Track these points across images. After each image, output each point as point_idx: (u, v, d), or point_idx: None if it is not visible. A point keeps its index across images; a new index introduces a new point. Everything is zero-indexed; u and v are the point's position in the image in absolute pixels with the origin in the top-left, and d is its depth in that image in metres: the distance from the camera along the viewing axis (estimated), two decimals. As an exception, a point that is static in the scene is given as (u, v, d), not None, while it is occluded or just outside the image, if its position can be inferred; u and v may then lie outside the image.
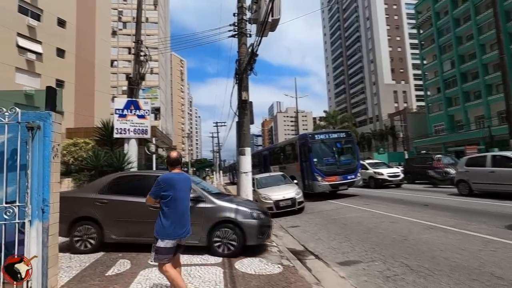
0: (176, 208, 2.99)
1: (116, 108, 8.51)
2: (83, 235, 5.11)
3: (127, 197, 5.13)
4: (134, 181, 5.63)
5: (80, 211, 5.17)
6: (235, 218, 4.83)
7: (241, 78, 8.59)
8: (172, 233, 2.93)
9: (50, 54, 25.69)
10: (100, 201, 5.15)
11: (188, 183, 3.22)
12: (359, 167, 13.09)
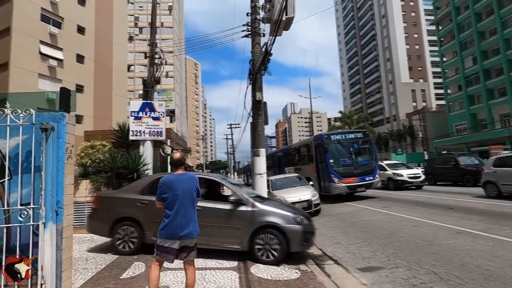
0: (174, 209, 2.94)
1: (131, 111, 8.60)
2: (124, 236, 5.10)
3: None
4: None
5: (121, 211, 5.19)
6: (278, 223, 4.56)
7: (255, 78, 8.48)
8: (168, 234, 2.92)
9: (70, 60, 26.60)
10: (140, 202, 5.12)
11: (191, 183, 3.06)
12: (378, 168, 12.67)
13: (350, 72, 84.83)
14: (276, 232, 4.53)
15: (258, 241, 4.57)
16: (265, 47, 7.39)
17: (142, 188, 5.34)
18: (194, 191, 3.08)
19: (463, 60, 41.07)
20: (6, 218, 2.75)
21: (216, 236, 4.72)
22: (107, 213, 5.22)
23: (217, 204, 4.88)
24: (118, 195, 5.48)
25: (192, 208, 3.04)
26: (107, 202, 5.43)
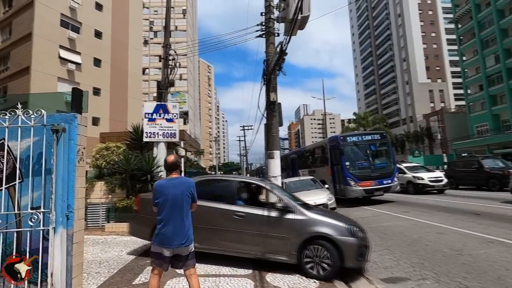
0: (165, 215, 2.81)
1: (145, 112, 8.59)
2: None
3: (209, 203, 4.78)
4: (213, 186, 5.41)
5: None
6: (330, 234, 4.11)
7: (269, 79, 8.30)
8: (160, 241, 2.76)
9: (88, 64, 27.28)
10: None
11: (183, 188, 2.87)
12: (396, 171, 12.20)
13: (364, 73, 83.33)
14: (327, 244, 4.08)
15: (307, 253, 4.16)
16: (280, 46, 7.21)
17: None
18: (188, 195, 2.88)
19: (484, 59, 39.48)
20: (17, 222, 2.67)
21: (261, 246, 4.37)
22: (148, 216, 4.90)
23: (261, 210, 4.53)
24: None
25: (185, 214, 2.83)
26: (148, 204, 5.28)
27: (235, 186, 4.96)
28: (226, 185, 5.10)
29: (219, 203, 4.72)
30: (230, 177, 5.41)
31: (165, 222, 2.80)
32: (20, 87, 23.25)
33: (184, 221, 2.82)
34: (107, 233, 7.39)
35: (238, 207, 4.63)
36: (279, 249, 4.29)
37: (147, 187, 7.73)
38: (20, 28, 24.12)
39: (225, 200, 4.74)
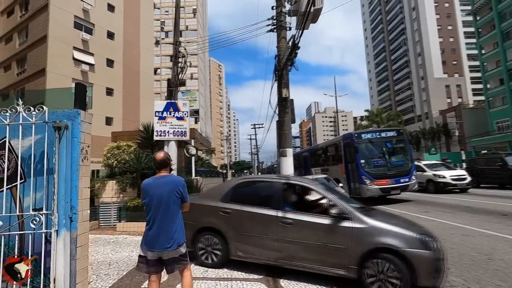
0: (149, 216, 2.64)
1: (156, 111, 8.49)
2: (207, 247, 4.54)
3: (252, 208, 4.34)
4: (258, 188, 4.86)
5: (204, 220, 4.63)
6: (398, 247, 3.41)
7: (280, 74, 8.05)
8: (146, 244, 2.60)
9: (101, 65, 27.70)
10: (223, 211, 4.49)
11: (170, 187, 2.66)
12: (414, 169, 11.70)
13: (377, 69, 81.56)
14: (394, 258, 3.39)
15: (369, 267, 3.52)
16: (292, 40, 6.94)
17: (224, 195, 4.68)
18: (176, 195, 2.66)
19: (505, 52, 37.78)
20: (19, 224, 2.55)
21: (313, 257, 3.83)
22: (188, 221, 4.77)
23: (312, 217, 3.96)
24: (199, 202, 4.80)
25: (170, 216, 2.62)
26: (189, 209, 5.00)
27: (280, 188, 4.40)
28: (269, 187, 4.58)
29: (263, 208, 4.25)
30: (273, 178, 4.79)
31: (151, 224, 2.62)
32: (37, 88, 23.83)
33: (171, 223, 2.61)
34: (119, 232, 7.34)
35: (284, 212, 4.09)
36: (335, 261, 3.70)
37: (158, 186, 7.64)
38: (36, 31, 24.70)
39: (269, 205, 4.25)
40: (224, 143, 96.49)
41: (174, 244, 2.57)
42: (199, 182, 8.43)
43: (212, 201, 4.69)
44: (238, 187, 4.80)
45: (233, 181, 5.04)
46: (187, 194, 2.78)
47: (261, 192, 4.71)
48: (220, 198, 4.66)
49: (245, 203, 4.43)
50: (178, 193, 2.68)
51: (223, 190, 4.81)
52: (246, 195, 4.69)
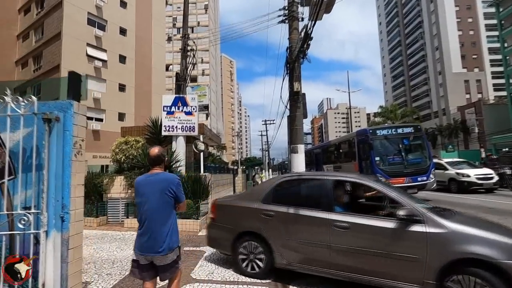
0: (140, 217, 2.43)
1: (164, 105, 8.35)
2: (249, 254, 4.01)
3: (297, 209, 3.80)
4: (304, 187, 4.32)
5: (244, 224, 4.15)
6: (492, 257, 2.67)
7: (292, 67, 7.71)
8: (137, 247, 2.39)
9: (114, 61, 27.95)
10: (265, 214, 3.96)
11: (162, 186, 2.42)
12: (432, 168, 11.15)
13: (392, 64, 79.39)
14: (487, 273, 2.65)
15: (452, 283, 2.81)
16: (305, 31, 6.59)
17: (265, 195, 4.15)
18: (168, 195, 2.42)
19: (530, 44, 35.86)
20: (8, 224, 2.37)
21: (375, 269, 3.20)
22: (227, 225, 4.28)
23: (373, 220, 3.34)
24: (238, 203, 4.40)
25: (162, 217, 2.39)
26: (226, 212, 4.44)
27: (331, 186, 3.77)
28: (317, 185, 3.98)
29: (311, 210, 3.69)
30: (322, 175, 4.23)
31: (142, 226, 2.41)
32: (52, 85, 24.25)
33: (162, 225, 2.38)
34: (126, 228, 7.25)
35: (338, 215, 3.52)
36: (405, 275, 3.05)
37: (165, 183, 7.50)
38: (51, 28, 25.11)
39: (318, 206, 3.68)
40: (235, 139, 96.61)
41: (165, 249, 2.35)
42: (208, 179, 8.23)
43: (253, 203, 4.17)
44: (280, 186, 4.27)
45: (275, 179, 4.45)
46: (181, 193, 2.53)
47: (307, 191, 4.17)
48: (261, 199, 4.13)
49: (290, 204, 3.91)
50: (171, 193, 2.44)
51: (264, 190, 4.26)
52: (290, 195, 4.22)
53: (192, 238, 6.23)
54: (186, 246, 5.60)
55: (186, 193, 7.54)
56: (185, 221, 7.05)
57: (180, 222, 7.07)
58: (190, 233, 6.68)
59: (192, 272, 4.12)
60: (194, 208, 7.23)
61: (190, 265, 4.42)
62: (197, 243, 5.79)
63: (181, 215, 7.17)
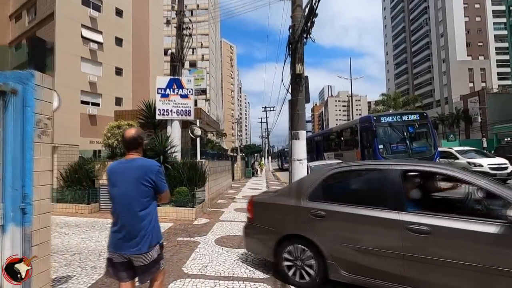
0: (114, 210, 2.09)
1: (158, 87, 7.90)
2: (296, 260, 3.30)
3: (356, 208, 3.03)
4: (362, 180, 3.56)
5: (288, 226, 3.46)
6: None
7: (294, 48, 7.20)
8: (111, 244, 2.06)
9: (110, 43, 27.07)
10: (314, 213, 3.22)
11: (139, 174, 2.03)
12: (437, 156, 10.82)
13: (395, 51, 77.88)
14: None
15: None
16: (310, 5, 6.06)
17: (312, 191, 3.40)
18: (146, 184, 2.04)
19: (539, 31, 34.85)
20: (-40, 216, 2.00)
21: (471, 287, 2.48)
22: (267, 227, 3.61)
23: (464, 222, 2.54)
24: (279, 201, 3.67)
25: (139, 210, 2.02)
26: (265, 211, 3.77)
27: (399, 178, 2.92)
28: (380, 177, 3.11)
29: (374, 209, 2.92)
30: (385, 164, 3.27)
31: (116, 220, 2.06)
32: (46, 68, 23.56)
33: (139, 220, 2.01)
34: (119, 216, 6.95)
35: (412, 215, 2.74)
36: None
37: (160, 169, 7.13)
38: (43, 8, 24.13)
39: (383, 203, 2.90)
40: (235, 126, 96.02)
41: (143, 247, 1.99)
42: (205, 165, 7.88)
43: (297, 200, 3.45)
44: (331, 179, 3.48)
45: (324, 171, 3.58)
46: (162, 182, 2.15)
47: (367, 186, 3.46)
48: (307, 195, 3.39)
49: (345, 201, 3.17)
50: (150, 182, 2.06)
51: (311, 184, 3.47)
52: (345, 190, 3.53)
53: (186, 228, 5.93)
54: (179, 236, 5.30)
55: (182, 180, 7.21)
56: (180, 209, 6.74)
57: (175, 210, 6.77)
58: (185, 222, 6.38)
59: (184, 266, 3.82)
60: (189, 196, 6.91)
61: (183, 258, 4.11)
62: (192, 233, 5.49)
63: (176, 203, 6.86)
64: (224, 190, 11.98)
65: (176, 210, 6.76)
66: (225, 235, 5.44)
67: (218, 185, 10.38)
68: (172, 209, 6.81)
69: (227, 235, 5.44)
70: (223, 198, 10.51)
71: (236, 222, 6.57)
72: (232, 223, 6.47)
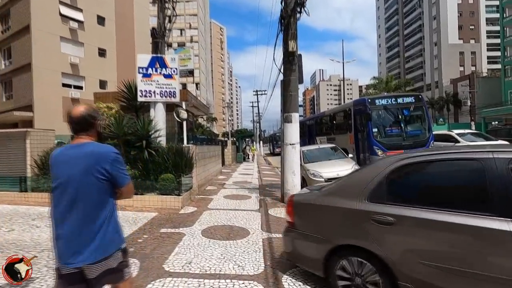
0: (57, 209, 1.58)
1: (139, 66, 7.25)
2: (354, 276, 2.53)
3: (440, 214, 2.19)
4: (445, 174, 2.46)
5: (343, 233, 2.70)
6: None
7: (287, 23, 6.64)
8: (57, 252, 1.58)
9: (91, 22, 25.52)
10: (378, 219, 2.41)
11: (88, 162, 1.57)
12: (432, 140, 10.60)
13: (388, 34, 77.07)
14: None
15: None
16: (305, -27, 5.47)
17: (372, 189, 2.56)
18: (98, 176, 1.57)
19: (531, 14, 34.70)
20: None
21: None
22: (313, 234, 2.87)
23: None
24: (328, 202, 2.85)
25: (91, 210, 1.58)
26: (310, 214, 3.01)
27: (505, 171, 2.06)
28: (478, 170, 2.18)
29: (468, 215, 2.08)
30: (484, 151, 2.27)
31: (60, 221, 1.58)
32: (23, 47, 22.10)
33: (90, 222, 1.57)
34: (99, 206, 6.49)
35: None
36: None
37: (142, 155, 6.64)
38: (16, -18, 22.34)
39: (482, 208, 2.07)
40: (225, 110, 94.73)
41: (97, 255, 1.56)
42: (192, 151, 7.41)
43: (353, 201, 2.61)
44: (398, 173, 2.56)
45: (387, 162, 2.67)
46: (122, 173, 1.69)
47: (458, 182, 2.39)
48: (367, 195, 2.55)
49: (424, 203, 2.31)
50: (103, 174, 1.59)
51: (370, 180, 2.60)
52: (424, 189, 2.51)
53: (172, 217, 5.54)
54: (163, 227, 4.91)
55: (167, 166, 6.74)
56: (165, 198, 6.32)
57: (160, 199, 6.35)
58: (171, 211, 5.97)
59: (166, 262, 3.43)
60: (175, 183, 6.47)
61: (165, 253, 3.73)
62: (177, 224, 5.10)
63: (161, 190, 6.43)
64: (213, 176, 11.59)
65: (161, 199, 6.34)
66: (213, 225, 5.08)
67: (207, 171, 9.96)
68: (156, 197, 6.38)
69: (215, 225, 5.08)
70: (213, 184, 10.13)
71: (225, 210, 6.21)
72: (221, 211, 6.10)
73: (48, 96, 21.62)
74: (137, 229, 4.79)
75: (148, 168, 6.70)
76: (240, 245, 4.07)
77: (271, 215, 5.81)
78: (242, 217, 5.59)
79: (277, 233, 4.59)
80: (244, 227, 4.94)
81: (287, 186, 6.73)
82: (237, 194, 8.19)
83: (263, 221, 5.35)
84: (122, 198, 1.81)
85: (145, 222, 5.17)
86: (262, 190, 8.85)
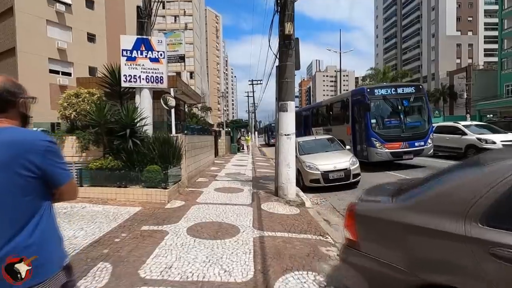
0: None
1: (123, 49, 6.68)
2: None
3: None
4: None
5: (434, 268, 1.65)
6: None
7: (284, 3, 6.12)
8: None
9: (79, 5, 24.43)
10: (502, 254, 1.39)
11: (11, 153, 1.10)
12: (431, 132, 10.29)
13: (385, 24, 76.14)
14: None
15: None
16: None
17: (490, 204, 1.52)
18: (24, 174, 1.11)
19: (530, 6, 34.25)
20: None
21: None
22: (387, 262, 1.88)
23: None
24: (411, 219, 1.80)
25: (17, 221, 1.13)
26: (382, 232, 2.04)
27: None
28: None
29: None
30: None
31: None
32: (5, 30, 21.06)
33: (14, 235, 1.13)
34: (79, 198, 5.99)
35: None
36: None
37: (126, 145, 6.15)
38: (-2, -40, 21.08)
39: None
40: (221, 100, 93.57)
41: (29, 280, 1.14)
42: (180, 141, 6.95)
43: (455, 221, 1.59)
44: None
45: (509, 165, 1.60)
46: (59, 169, 1.22)
47: None
48: (479, 215, 1.53)
49: None
50: (31, 170, 1.14)
51: (485, 193, 1.55)
52: None
53: (156, 213, 5.11)
54: (145, 224, 4.48)
55: (153, 157, 6.28)
56: (151, 191, 5.89)
57: (145, 192, 5.91)
58: (156, 206, 5.55)
59: (142, 267, 3.02)
60: (162, 175, 6.03)
61: (143, 255, 3.31)
62: (161, 220, 4.68)
63: (146, 183, 5.98)
64: (205, 167, 11.16)
65: (146, 192, 5.90)
66: (200, 221, 4.67)
67: (198, 162, 9.52)
68: (141, 190, 5.95)
69: (202, 221, 4.67)
70: (204, 176, 9.71)
71: (215, 204, 5.80)
72: (210, 206, 5.69)
73: (34, 82, 20.71)
74: (116, 226, 4.37)
75: (133, 159, 6.24)
76: (229, 245, 3.68)
77: (263, 210, 5.43)
78: (233, 213, 5.20)
79: (270, 231, 4.21)
80: (234, 224, 4.55)
81: (281, 179, 6.34)
82: (229, 187, 7.78)
83: (255, 217, 4.96)
84: (62, 200, 1.36)
85: (126, 218, 4.74)
86: (256, 183, 8.47)
